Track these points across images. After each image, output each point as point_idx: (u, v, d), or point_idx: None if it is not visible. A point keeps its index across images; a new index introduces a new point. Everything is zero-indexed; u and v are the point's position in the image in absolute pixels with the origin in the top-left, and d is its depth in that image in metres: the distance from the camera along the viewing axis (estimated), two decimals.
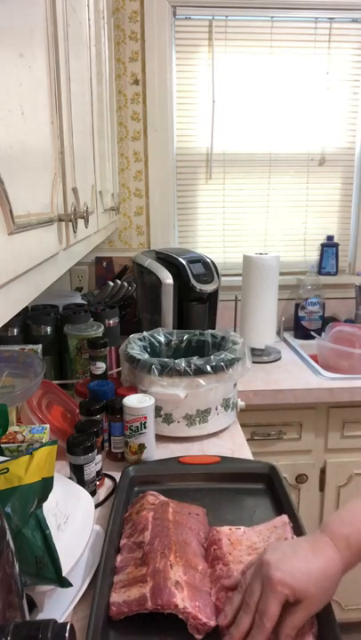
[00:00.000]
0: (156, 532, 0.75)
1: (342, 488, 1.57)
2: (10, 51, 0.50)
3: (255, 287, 1.65)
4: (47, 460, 0.68)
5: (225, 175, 1.97)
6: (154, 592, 0.65)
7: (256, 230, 2.04)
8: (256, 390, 1.47)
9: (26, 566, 0.61)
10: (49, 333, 1.38)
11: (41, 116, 0.63)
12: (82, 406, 1.08)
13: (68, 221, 0.75)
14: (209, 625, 0.64)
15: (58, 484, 0.70)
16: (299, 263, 2.07)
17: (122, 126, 1.87)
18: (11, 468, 0.65)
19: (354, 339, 1.72)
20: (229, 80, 1.89)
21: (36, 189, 0.59)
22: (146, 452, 1.04)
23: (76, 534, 0.71)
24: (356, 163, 2.00)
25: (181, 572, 0.69)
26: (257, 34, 1.85)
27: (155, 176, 1.92)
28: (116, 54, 1.80)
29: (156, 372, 1.11)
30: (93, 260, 1.95)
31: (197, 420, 1.15)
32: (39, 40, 0.62)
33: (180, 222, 2.01)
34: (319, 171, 2.00)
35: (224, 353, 1.16)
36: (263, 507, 0.90)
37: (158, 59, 1.82)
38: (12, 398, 0.97)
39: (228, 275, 1.89)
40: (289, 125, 1.95)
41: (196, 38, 1.85)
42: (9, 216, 0.47)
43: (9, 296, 0.50)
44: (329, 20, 1.86)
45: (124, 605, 0.66)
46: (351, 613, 1.63)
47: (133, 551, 0.75)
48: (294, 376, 1.57)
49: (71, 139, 0.82)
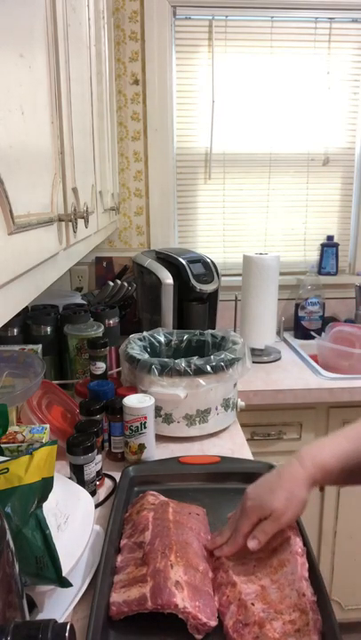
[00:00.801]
0: (156, 532, 0.75)
1: (342, 488, 1.57)
2: (10, 51, 0.50)
3: (255, 287, 1.65)
4: (47, 460, 0.68)
5: (225, 175, 1.97)
6: (154, 592, 0.65)
7: (256, 230, 2.04)
8: (256, 390, 1.47)
9: (26, 566, 0.61)
10: (49, 333, 1.38)
11: (41, 116, 0.63)
12: (82, 406, 1.08)
13: (68, 221, 0.75)
14: (209, 625, 0.64)
15: (58, 483, 0.70)
16: (299, 263, 2.07)
17: (122, 126, 1.87)
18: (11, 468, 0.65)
19: (354, 339, 1.72)
20: (229, 80, 1.89)
21: (36, 189, 0.59)
22: (146, 452, 1.04)
23: (76, 534, 0.71)
24: (357, 163, 2.00)
25: (182, 571, 0.69)
26: (257, 34, 1.85)
27: (155, 176, 1.92)
28: (116, 54, 1.80)
29: (156, 372, 1.11)
30: (93, 259, 1.95)
31: (197, 420, 1.15)
32: (39, 40, 0.62)
33: (180, 222, 2.01)
34: (319, 171, 2.00)
35: (224, 353, 1.16)
36: None
37: (158, 59, 1.82)
38: (12, 398, 0.97)
39: (228, 275, 1.89)
40: (289, 125, 1.95)
41: (196, 38, 1.85)
42: (9, 216, 0.47)
43: (9, 296, 0.50)
44: (329, 20, 1.86)
45: (125, 605, 0.66)
46: (351, 613, 1.63)
47: (134, 551, 0.75)
48: (294, 376, 1.57)
49: (71, 139, 0.82)
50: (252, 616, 0.64)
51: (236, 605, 0.66)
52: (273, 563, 0.72)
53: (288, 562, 0.71)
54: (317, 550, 1.61)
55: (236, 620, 0.65)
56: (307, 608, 0.64)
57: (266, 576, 0.70)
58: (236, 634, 0.63)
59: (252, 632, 0.62)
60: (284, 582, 0.68)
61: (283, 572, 0.70)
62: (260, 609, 0.65)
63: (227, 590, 0.69)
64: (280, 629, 0.62)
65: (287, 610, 0.64)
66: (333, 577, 1.63)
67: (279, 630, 0.62)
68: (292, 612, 0.64)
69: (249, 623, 0.63)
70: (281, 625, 0.62)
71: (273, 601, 0.66)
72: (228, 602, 0.68)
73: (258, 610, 0.65)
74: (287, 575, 0.69)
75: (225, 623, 0.65)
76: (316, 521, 1.60)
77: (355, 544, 1.61)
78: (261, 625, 0.62)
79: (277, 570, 0.70)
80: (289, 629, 0.62)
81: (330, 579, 1.63)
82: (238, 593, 0.68)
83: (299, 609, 0.64)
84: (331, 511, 1.58)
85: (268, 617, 0.63)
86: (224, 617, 0.66)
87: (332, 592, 1.63)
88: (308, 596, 0.65)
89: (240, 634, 0.63)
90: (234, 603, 0.67)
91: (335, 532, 1.60)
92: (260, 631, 0.62)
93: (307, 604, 0.64)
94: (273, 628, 0.62)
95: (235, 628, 0.64)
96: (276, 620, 0.63)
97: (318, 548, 1.61)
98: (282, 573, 0.70)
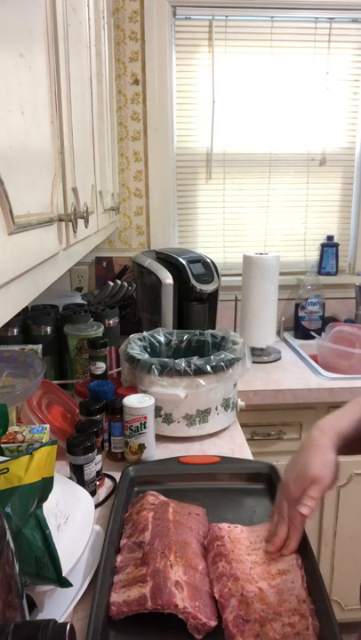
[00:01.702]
0: (156, 532, 0.75)
1: (342, 488, 1.57)
2: (10, 51, 0.50)
3: (255, 287, 1.65)
4: (47, 460, 0.68)
5: (225, 175, 1.97)
6: (154, 592, 0.65)
7: (256, 230, 2.04)
8: (256, 390, 1.47)
9: (26, 566, 0.61)
10: (49, 333, 1.38)
11: (41, 116, 0.63)
12: (82, 406, 1.08)
13: (68, 221, 0.75)
14: (209, 625, 0.64)
15: (58, 483, 0.70)
16: (299, 263, 2.07)
17: (122, 126, 1.87)
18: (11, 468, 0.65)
19: (354, 339, 1.72)
20: (229, 80, 1.89)
21: (36, 189, 0.59)
22: (146, 452, 1.04)
23: (76, 534, 0.71)
24: (357, 163, 2.00)
25: (181, 571, 0.69)
26: (257, 34, 1.85)
27: (155, 176, 1.92)
28: (116, 54, 1.80)
29: (156, 372, 1.11)
30: (93, 259, 1.95)
31: (197, 420, 1.15)
32: (39, 40, 0.62)
33: (180, 222, 2.01)
34: (319, 171, 2.00)
35: (224, 353, 1.16)
36: (263, 507, 0.90)
37: (158, 59, 1.82)
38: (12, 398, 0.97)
39: (228, 275, 1.89)
40: (289, 125, 1.95)
41: (196, 38, 1.85)
42: (9, 216, 0.47)
43: (9, 296, 0.50)
44: (329, 20, 1.86)
45: (124, 605, 0.66)
46: (351, 613, 1.63)
47: (133, 551, 0.75)
48: (294, 376, 1.57)
49: (71, 139, 0.82)
50: (253, 613, 0.64)
51: (237, 600, 0.66)
52: (271, 570, 0.71)
53: (288, 572, 0.71)
54: (317, 550, 1.61)
55: (237, 615, 0.64)
56: (307, 613, 0.64)
57: (263, 580, 0.70)
58: (236, 629, 0.62)
59: (252, 629, 0.62)
60: (283, 588, 0.68)
61: (282, 580, 0.69)
62: (260, 608, 0.65)
63: (228, 583, 0.68)
64: (280, 630, 0.62)
65: (286, 613, 0.64)
66: (333, 577, 1.63)
67: (279, 631, 0.61)
68: (291, 616, 0.64)
69: (250, 620, 0.63)
70: (280, 626, 0.62)
71: (272, 603, 0.66)
72: (229, 594, 0.67)
73: (258, 609, 0.64)
74: (287, 583, 0.69)
75: (224, 617, 0.64)
76: (316, 521, 1.60)
77: (355, 544, 1.61)
78: (262, 624, 0.62)
79: (275, 577, 0.70)
80: (289, 632, 0.62)
81: (330, 579, 1.63)
82: (241, 587, 0.67)
83: (298, 613, 0.64)
84: (331, 511, 1.58)
85: (268, 617, 0.63)
86: (224, 609, 0.65)
87: (332, 592, 1.63)
88: (308, 603, 0.65)
89: (240, 630, 0.62)
90: (235, 597, 0.66)
91: (335, 532, 1.60)
92: (261, 630, 0.62)
93: (307, 610, 0.64)
94: (273, 628, 0.62)
95: (235, 622, 0.63)
96: (275, 622, 0.63)
97: (318, 548, 1.61)
98: (281, 580, 0.69)
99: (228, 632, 0.63)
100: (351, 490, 1.56)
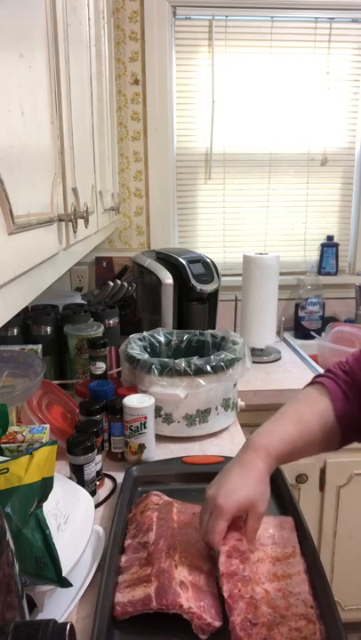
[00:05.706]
0: (160, 533, 0.75)
1: (342, 488, 1.57)
2: (10, 51, 0.50)
3: (255, 287, 1.65)
4: (47, 460, 0.68)
5: (225, 175, 1.97)
6: (158, 592, 0.65)
7: (256, 230, 2.04)
8: (256, 390, 1.47)
9: (26, 566, 0.61)
10: (49, 333, 1.38)
11: (41, 116, 0.63)
12: (82, 406, 1.08)
13: (67, 221, 0.75)
14: (214, 625, 0.64)
15: (58, 483, 0.70)
16: (299, 263, 2.07)
17: (122, 126, 1.87)
18: (11, 468, 0.65)
19: (354, 339, 1.72)
20: (229, 80, 1.89)
21: (36, 189, 0.59)
22: (146, 452, 1.04)
23: (76, 534, 0.71)
24: (357, 163, 2.00)
25: (186, 572, 0.68)
26: (257, 34, 1.85)
27: (155, 176, 1.92)
28: (116, 54, 1.80)
29: (156, 372, 1.11)
30: (93, 260, 1.95)
31: (197, 420, 1.15)
32: (39, 40, 0.62)
33: (180, 222, 2.01)
34: (319, 171, 2.00)
35: (224, 353, 1.16)
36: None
37: (158, 59, 1.82)
38: (12, 398, 0.97)
39: (228, 275, 1.89)
40: (289, 125, 1.95)
41: (196, 38, 1.85)
42: (9, 216, 0.47)
43: (9, 296, 0.50)
44: (329, 20, 1.86)
45: (129, 605, 0.66)
46: (351, 613, 1.63)
47: (138, 551, 0.75)
48: (294, 376, 1.57)
49: (71, 139, 0.82)
50: (261, 616, 0.63)
51: (245, 603, 0.64)
52: (277, 572, 0.71)
53: (293, 576, 0.70)
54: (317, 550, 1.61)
55: (245, 618, 0.63)
56: (314, 618, 0.63)
57: (268, 581, 0.69)
58: (243, 632, 0.61)
59: (260, 633, 0.61)
60: (288, 593, 0.67)
61: (287, 583, 0.69)
62: (267, 612, 0.64)
63: (239, 583, 0.67)
64: (287, 634, 0.61)
65: (293, 617, 0.63)
66: (333, 577, 1.63)
67: (286, 635, 0.61)
68: (298, 620, 0.63)
69: (257, 623, 0.62)
70: (287, 631, 0.61)
71: (278, 606, 0.65)
72: (238, 595, 0.65)
73: (265, 612, 0.64)
74: (292, 587, 0.68)
75: (232, 619, 0.63)
76: (316, 521, 1.60)
77: (355, 544, 1.61)
78: (270, 627, 0.62)
79: (280, 579, 0.69)
80: (295, 636, 0.61)
81: (330, 579, 1.62)
82: (251, 590, 0.66)
83: (305, 618, 0.63)
84: (331, 511, 1.58)
85: (275, 621, 0.63)
86: (231, 611, 0.64)
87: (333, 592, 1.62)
88: (315, 608, 0.65)
89: (248, 633, 0.61)
90: (245, 599, 0.65)
91: (335, 531, 1.60)
92: (269, 634, 0.61)
93: (314, 615, 0.64)
94: (280, 632, 0.61)
95: (242, 625, 0.62)
96: (282, 626, 0.62)
97: (318, 548, 1.61)
98: (285, 584, 0.69)
99: (235, 635, 0.62)
100: (351, 490, 1.56)
